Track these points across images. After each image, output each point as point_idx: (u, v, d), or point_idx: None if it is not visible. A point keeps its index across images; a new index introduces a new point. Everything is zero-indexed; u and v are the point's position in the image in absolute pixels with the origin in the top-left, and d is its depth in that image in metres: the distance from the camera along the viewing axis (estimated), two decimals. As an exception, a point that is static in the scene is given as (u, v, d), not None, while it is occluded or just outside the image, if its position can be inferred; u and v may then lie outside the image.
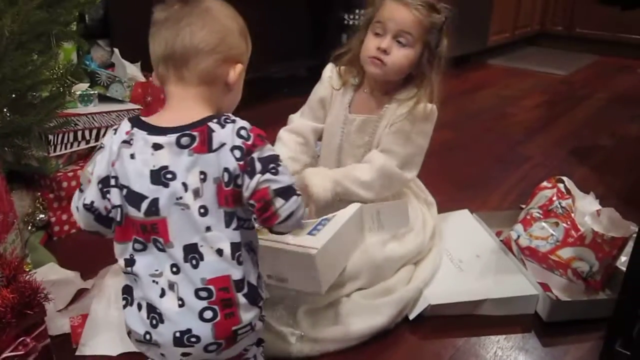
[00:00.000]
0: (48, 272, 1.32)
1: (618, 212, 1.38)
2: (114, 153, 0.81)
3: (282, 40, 2.65)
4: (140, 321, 0.82)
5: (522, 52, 4.23)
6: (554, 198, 1.50)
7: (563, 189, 1.55)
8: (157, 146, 0.79)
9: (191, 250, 0.80)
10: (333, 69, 1.37)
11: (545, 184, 1.59)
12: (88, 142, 1.63)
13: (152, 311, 0.81)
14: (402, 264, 1.30)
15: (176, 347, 0.80)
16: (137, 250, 0.83)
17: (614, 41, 4.01)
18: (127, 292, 0.85)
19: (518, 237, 1.46)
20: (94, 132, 1.63)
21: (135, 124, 0.82)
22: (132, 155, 0.80)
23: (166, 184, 0.79)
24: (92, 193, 0.83)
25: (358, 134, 1.34)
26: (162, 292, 0.81)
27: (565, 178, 1.61)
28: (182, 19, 0.81)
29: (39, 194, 1.56)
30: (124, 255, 0.84)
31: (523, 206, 1.63)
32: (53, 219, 1.57)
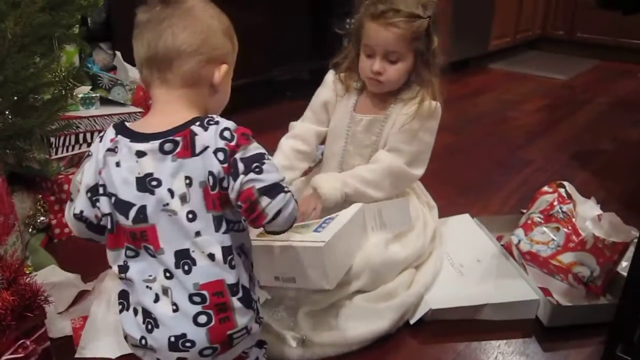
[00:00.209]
0: (49, 274, 1.32)
1: (619, 217, 1.38)
2: (100, 161, 0.81)
3: (284, 43, 2.65)
4: (136, 326, 0.82)
5: (523, 57, 4.23)
6: (555, 203, 1.50)
7: (564, 194, 1.55)
8: (141, 153, 0.79)
9: (183, 256, 0.80)
10: (335, 75, 1.38)
11: (546, 188, 1.59)
12: (89, 145, 1.63)
13: (148, 316, 0.81)
14: (404, 267, 1.29)
15: (171, 351, 0.80)
16: (130, 257, 0.83)
17: (615, 46, 4.01)
18: (123, 297, 0.85)
19: (519, 241, 1.46)
20: (96, 135, 1.63)
21: (119, 131, 0.82)
22: (118, 163, 0.80)
23: (152, 191, 0.79)
24: (81, 202, 0.83)
25: (365, 134, 1.34)
26: (156, 297, 0.81)
27: (566, 183, 1.61)
28: (163, 20, 0.81)
29: (40, 196, 1.56)
30: (117, 262, 0.84)
31: (524, 211, 1.63)
32: (54, 222, 1.57)
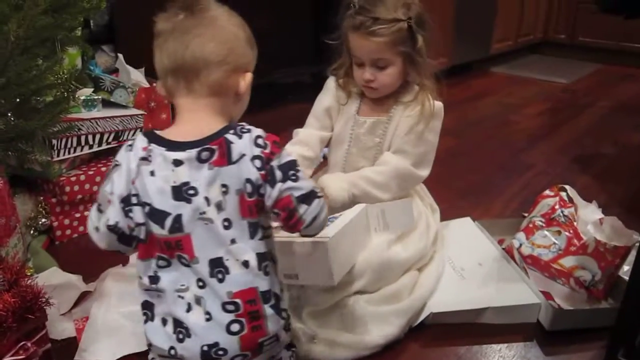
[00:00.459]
0: (50, 276, 1.32)
1: (621, 221, 1.37)
2: (132, 171, 0.80)
3: (286, 46, 2.66)
4: (165, 336, 0.82)
5: (524, 60, 4.23)
6: (557, 206, 1.50)
7: (565, 198, 1.55)
8: (178, 162, 0.79)
9: (216, 265, 0.80)
10: (335, 82, 1.39)
11: (547, 192, 1.59)
12: (91, 147, 1.63)
13: (179, 326, 0.81)
14: (405, 268, 1.29)
15: None
16: (161, 267, 0.82)
17: (617, 50, 4.01)
18: (147, 307, 0.85)
19: (520, 245, 1.46)
20: (97, 137, 1.63)
21: (152, 139, 0.82)
22: (152, 173, 0.80)
23: (189, 200, 0.79)
24: (115, 213, 0.82)
25: (368, 136, 1.35)
26: (189, 307, 0.81)
27: (567, 186, 1.61)
28: (190, 30, 0.81)
29: (42, 198, 1.57)
30: (147, 272, 0.83)
31: (525, 214, 1.63)
32: (55, 224, 1.57)
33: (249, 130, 0.81)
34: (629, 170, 2.21)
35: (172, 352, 0.81)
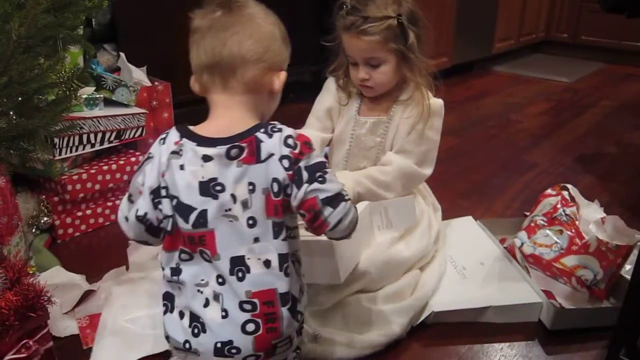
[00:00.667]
0: (53, 275, 1.32)
1: (623, 220, 1.37)
2: (163, 164, 0.81)
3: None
4: (181, 329, 0.83)
5: (527, 60, 4.22)
6: (559, 206, 1.50)
7: (567, 197, 1.54)
8: (207, 158, 0.79)
9: (238, 263, 0.80)
10: (336, 83, 1.39)
11: (549, 191, 1.59)
12: (93, 146, 1.64)
13: (195, 320, 0.82)
14: (408, 267, 1.30)
15: (216, 357, 0.81)
16: (183, 260, 0.83)
17: (619, 49, 4.00)
18: (168, 298, 0.85)
19: (522, 244, 1.46)
20: (99, 135, 1.64)
21: (184, 134, 0.82)
22: (182, 167, 0.80)
23: (215, 196, 0.79)
24: (145, 204, 0.83)
25: (369, 136, 1.35)
26: (207, 302, 0.81)
27: (569, 186, 1.60)
28: (228, 27, 0.81)
29: (44, 196, 1.57)
30: (170, 264, 0.84)
31: (527, 213, 1.63)
32: (57, 222, 1.58)
33: (280, 130, 0.82)
34: (631, 170, 2.21)
35: (187, 345, 0.82)
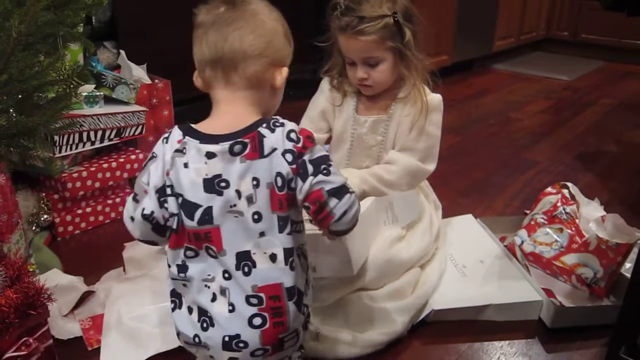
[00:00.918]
0: (51, 278, 1.31)
1: (623, 219, 1.37)
2: (167, 162, 0.81)
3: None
4: (190, 324, 0.84)
5: (527, 58, 4.22)
6: (559, 204, 1.50)
7: (567, 195, 1.54)
8: (211, 155, 0.80)
9: (243, 258, 0.81)
10: (330, 84, 1.38)
11: (549, 189, 1.59)
12: (93, 144, 1.63)
13: (203, 314, 0.83)
14: (409, 265, 1.30)
15: (224, 351, 0.81)
16: (189, 257, 0.83)
17: (620, 47, 4.00)
18: (175, 295, 0.86)
19: (522, 242, 1.46)
20: (99, 133, 1.64)
21: (187, 132, 0.82)
22: (186, 165, 0.80)
23: (220, 192, 0.80)
24: (151, 203, 0.83)
25: (370, 135, 1.35)
26: (214, 297, 0.82)
27: (569, 184, 1.61)
28: (231, 23, 0.81)
29: (44, 194, 1.57)
30: (176, 261, 0.84)
31: (527, 212, 1.63)
32: (57, 220, 1.58)
33: (282, 124, 0.82)
34: (631, 168, 2.21)
35: (196, 339, 0.83)
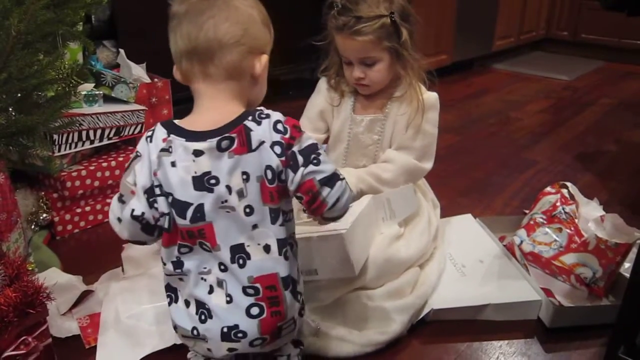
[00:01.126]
0: (49, 277, 1.31)
1: (622, 219, 1.37)
2: (154, 162, 0.81)
3: (287, 42, 2.65)
4: (188, 317, 0.84)
5: (527, 57, 4.22)
6: (558, 204, 1.50)
7: (567, 195, 1.54)
8: (198, 152, 0.79)
9: (238, 251, 0.81)
10: (327, 84, 1.38)
11: (549, 189, 1.59)
12: (92, 142, 1.63)
13: (201, 307, 0.83)
14: (408, 264, 1.29)
15: (223, 341, 0.82)
16: (183, 253, 0.83)
17: (619, 47, 4.00)
18: (171, 290, 0.87)
19: (521, 242, 1.46)
20: (99, 132, 1.63)
21: (171, 129, 0.81)
22: (173, 163, 0.80)
23: (210, 189, 0.79)
24: (140, 204, 0.82)
25: (367, 134, 1.35)
26: (211, 289, 0.82)
27: (569, 184, 1.61)
28: (204, 11, 0.80)
29: (43, 193, 1.57)
30: (170, 258, 0.84)
31: (526, 211, 1.63)
32: (56, 219, 1.57)
33: (267, 116, 0.81)
34: (630, 168, 2.21)
35: (195, 332, 0.83)
